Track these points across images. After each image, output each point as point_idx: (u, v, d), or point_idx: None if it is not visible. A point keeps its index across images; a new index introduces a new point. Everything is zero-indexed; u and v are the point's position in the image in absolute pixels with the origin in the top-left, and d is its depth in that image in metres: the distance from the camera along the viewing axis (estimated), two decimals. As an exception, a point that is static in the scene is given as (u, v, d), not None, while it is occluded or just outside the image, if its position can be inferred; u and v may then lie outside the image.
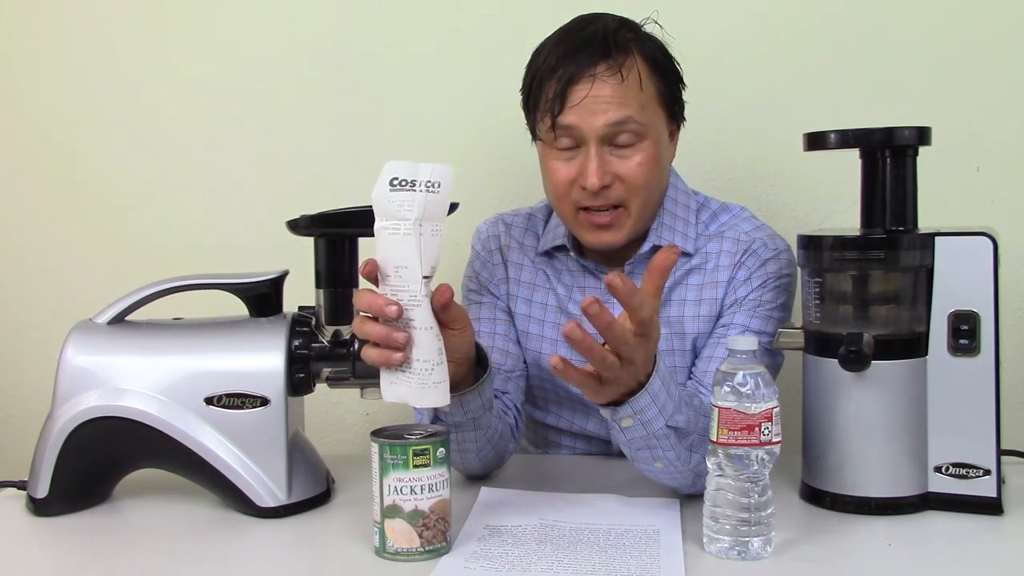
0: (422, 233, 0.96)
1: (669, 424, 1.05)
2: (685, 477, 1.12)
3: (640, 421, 1.03)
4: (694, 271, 1.31)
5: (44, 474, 1.14)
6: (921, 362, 1.12)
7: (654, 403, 1.03)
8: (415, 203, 0.95)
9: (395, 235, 0.96)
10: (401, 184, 0.96)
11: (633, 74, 1.21)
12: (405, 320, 0.98)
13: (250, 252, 1.68)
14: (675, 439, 1.07)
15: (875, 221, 1.16)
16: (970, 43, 1.56)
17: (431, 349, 0.98)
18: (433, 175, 0.96)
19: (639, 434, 1.05)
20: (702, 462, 1.09)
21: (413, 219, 0.96)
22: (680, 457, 1.09)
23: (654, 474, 1.12)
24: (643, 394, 1.02)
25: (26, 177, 1.77)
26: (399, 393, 1.01)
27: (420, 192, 0.96)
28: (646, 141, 1.22)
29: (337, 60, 1.69)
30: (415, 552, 0.99)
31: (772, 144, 1.61)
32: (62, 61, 1.74)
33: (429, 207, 0.96)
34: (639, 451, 1.08)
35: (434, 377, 0.99)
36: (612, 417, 1.04)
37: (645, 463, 1.10)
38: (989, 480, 1.10)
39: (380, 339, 0.99)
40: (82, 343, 1.16)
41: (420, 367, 0.99)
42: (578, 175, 1.22)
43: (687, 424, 1.07)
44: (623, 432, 1.05)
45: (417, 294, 0.97)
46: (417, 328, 0.98)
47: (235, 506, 1.15)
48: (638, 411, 1.03)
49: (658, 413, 1.04)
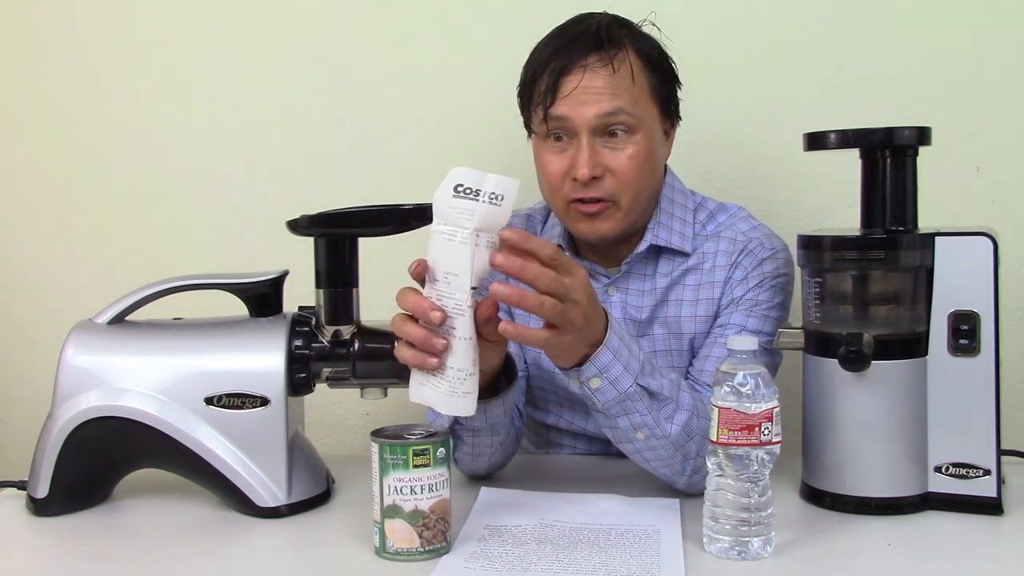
0: (478, 244, 0.95)
1: (639, 383, 1.06)
2: (672, 458, 1.12)
3: (608, 380, 1.04)
4: (691, 271, 1.31)
5: (44, 474, 1.14)
6: (921, 362, 1.12)
7: (616, 359, 1.04)
8: (476, 212, 0.95)
9: (451, 241, 0.96)
10: (465, 192, 0.95)
11: (625, 67, 1.22)
12: (446, 327, 0.98)
13: (250, 252, 1.68)
14: (649, 402, 1.07)
15: (875, 221, 1.16)
16: (970, 43, 1.56)
17: (467, 359, 0.98)
18: (498, 187, 0.96)
19: (611, 395, 1.05)
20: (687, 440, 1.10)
21: (472, 228, 0.95)
22: (659, 425, 1.09)
23: (639, 452, 1.12)
24: (603, 350, 1.03)
25: (26, 177, 1.77)
26: (426, 396, 1.01)
27: (483, 203, 0.95)
28: (638, 135, 1.23)
29: (337, 60, 1.69)
30: (415, 552, 0.99)
31: (772, 144, 1.61)
32: (62, 61, 1.74)
33: (489, 218, 0.95)
34: (618, 418, 1.08)
35: (465, 387, 0.99)
36: (580, 380, 1.05)
37: (627, 439, 1.10)
38: (989, 480, 1.10)
39: (419, 342, 0.98)
40: (82, 343, 1.16)
41: (453, 375, 0.99)
42: (570, 167, 1.23)
43: (661, 389, 1.08)
44: (595, 396, 1.06)
45: (463, 303, 0.97)
46: (457, 337, 0.98)
47: (235, 506, 1.15)
48: (602, 368, 1.03)
49: (623, 370, 1.04)
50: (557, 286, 0.97)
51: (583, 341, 1.02)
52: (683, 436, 1.11)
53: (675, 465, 1.13)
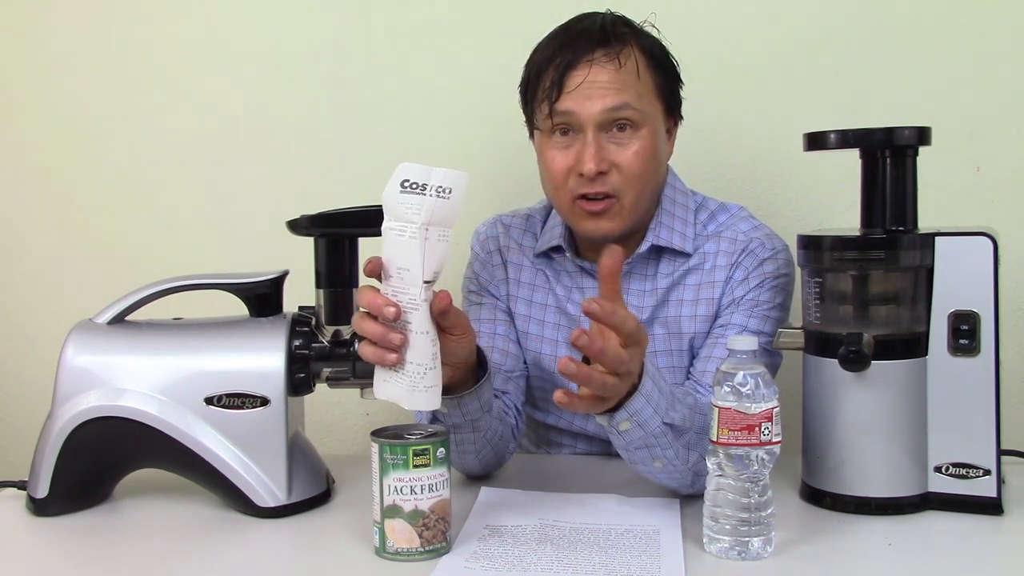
0: (427, 238, 0.96)
1: (665, 421, 1.05)
2: (684, 476, 1.12)
3: (637, 423, 1.03)
4: (692, 271, 1.31)
5: (44, 474, 1.14)
6: (921, 362, 1.12)
7: (648, 403, 1.03)
8: (423, 207, 0.95)
9: (400, 237, 0.96)
10: (411, 187, 0.96)
11: (631, 62, 1.22)
12: (403, 322, 0.98)
13: (250, 252, 1.68)
14: (672, 436, 1.07)
15: (875, 221, 1.16)
16: (970, 43, 1.56)
17: (425, 353, 0.99)
18: (445, 181, 0.96)
19: (637, 435, 1.05)
20: (701, 460, 1.09)
21: (420, 223, 0.95)
22: (679, 455, 1.09)
23: (653, 474, 1.12)
24: (637, 396, 1.02)
25: (26, 177, 1.77)
26: (389, 392, 1.01)
27: (430, 197, 0.95)
28: (643, 130, 1.23)
29: (337, 60, 1.69)
30: (415, 552, 0.99)
31: (772, 144, 1.61)
32: (62, 61, 1.74)
33: (437, 212, 0.95)
34: (638, 451, 1.08)
35: (426, 381, 0.99)
36: (609, 424, 1.04)
37: (644, 464, 1.10)
38: (989, 480, 1.10)
39: (376, 338, 0.99)
40: (82, 343, 1.16)
41: (413, 370, 0.99)
42: (575, 163, 1.23)
43: (683, 421, 1.07)
44: (621, 436, 1.05)
45: (416, 298, 0.97)
46: (413, 331, 0.98)
47: (235, 506, 1.15)
48: (633, 413, 1.02)
49: (653, 413, 1.03)
50: (623, 367, 0.96)
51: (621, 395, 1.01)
52: (698, 459, 1.10)
53: (685, 481, 1.13)
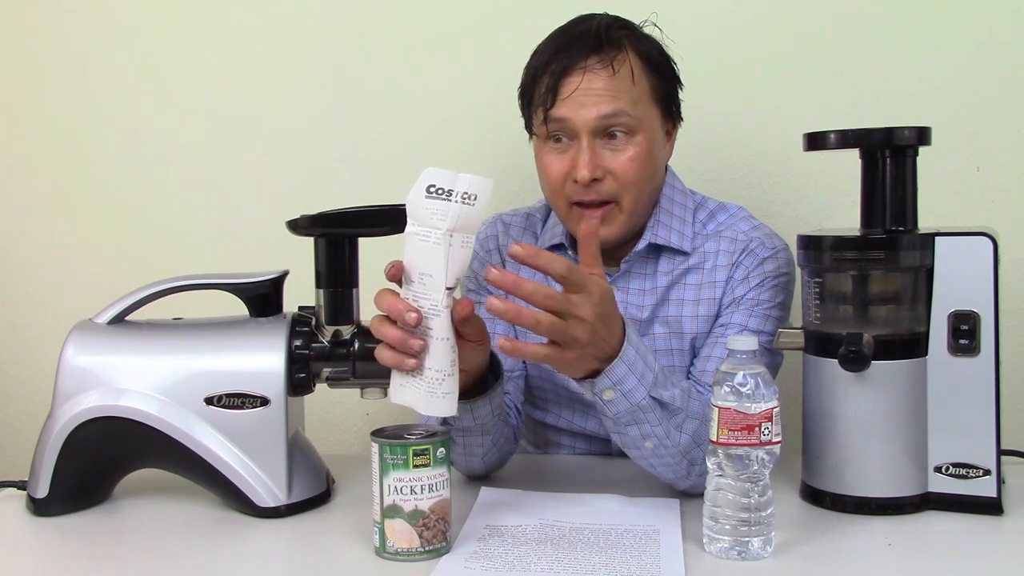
0: (451, 244, 0.95)
1: (652, 395, 1.05)
2: (678, 464, 1.12)
3: (621, 392, 1.03)
4: (692, 271, 1.31)
5: (44, 474, 1.14)
6: (921, 362, 1.12)
7: (631, 372, 1.03)
8: (449, 213, 0.95)
9: (424, 242, 0.95)
10: (437, 192, 0.95)
11: (625, 68, 1.22)
12: (423, 328, 0.97)
13: (250, 252, 1.68)
14: (661, 413, 1.07)
15: (875, 221, 1.16)
16: (970, 43, 1.56)
17: (444, 360, 0.98)
18: (471, 187, 0.95)
19: (623, 407, 1.04)
20: (696, 448, 1.10)
21: (444, 229, 0.95)
22: (669, 435, 1.08)
23: (646, 459, 1.12)
24: (618, 363, 1.02)
25: (26, 177, 1.77)
26: (406, 398, 1.01)
27: (455, 203, 0.95)
28: (638, 136, 1.23)
29: (337, 61, 1.69)
30: (415, 552, 0.99)
31: (772, 144, 1.61)
32: (62, 61, 1.74)
33: (462, 219, 0.95)
34: (628, 427, 1.07)
35: (444, 388, 0.99)
36: (593, 391, 1.04)
37: (635, 446, 1.09)
38: (989, 480, 1.10)
39: (396, 343, 0.98)
40: (82, 343, 1.16)
41: (431, 376, 0.98)
42: (570, 169, 1.23)
43: (672, 400, 1.07)
44: (607, 407, 1.05)
45: (438, 304, 0.97)
46: (434, 338, 0.98)
47: (235, 506, 1.15)
48: (616, 381, 1.02)
49: (637, 383, 1.03)
50: (557, 303, 0.96)
51: (590, 356, 1.01)
52: (691, 444, 1.10)
53: (680, 470, 1.13)
